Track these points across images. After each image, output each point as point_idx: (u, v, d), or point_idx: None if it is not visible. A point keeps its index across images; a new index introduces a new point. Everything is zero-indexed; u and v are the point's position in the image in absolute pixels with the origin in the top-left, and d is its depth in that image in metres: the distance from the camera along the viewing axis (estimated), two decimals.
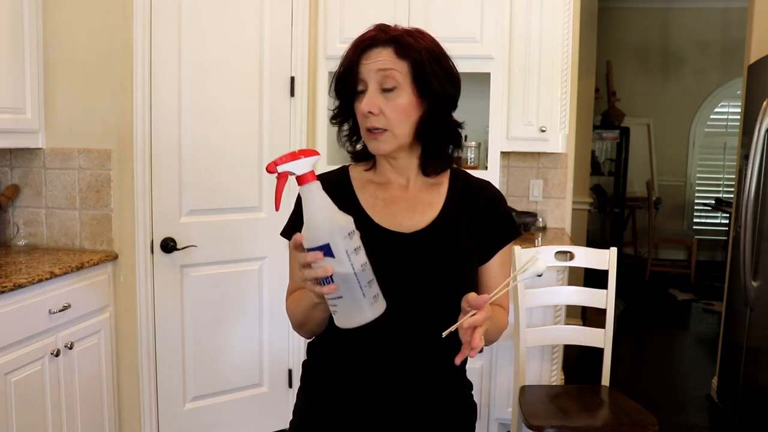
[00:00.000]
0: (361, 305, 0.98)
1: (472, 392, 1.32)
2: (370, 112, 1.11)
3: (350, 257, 0.95)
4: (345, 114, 1.20)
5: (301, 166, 0.97)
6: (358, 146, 1.24)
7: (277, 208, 1.00)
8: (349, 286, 0.96)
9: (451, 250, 1.18)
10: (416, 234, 1.17)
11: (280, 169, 0.96)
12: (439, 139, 1.20)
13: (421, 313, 1.15)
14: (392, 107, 1.12)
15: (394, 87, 1.12)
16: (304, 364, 1.31)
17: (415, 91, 1.13)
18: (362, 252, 0.98)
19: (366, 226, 0.97)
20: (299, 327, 1.20)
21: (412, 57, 1.13)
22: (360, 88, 1.14)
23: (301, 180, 0.97)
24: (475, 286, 1.22)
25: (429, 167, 1.21)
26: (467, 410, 1.30)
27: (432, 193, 1.22)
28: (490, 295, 1.02)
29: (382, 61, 1.12)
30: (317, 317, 1.12)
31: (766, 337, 2.78)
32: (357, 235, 0.98)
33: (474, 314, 1.00)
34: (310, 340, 1.29)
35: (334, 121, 1.23)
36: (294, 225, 1.20)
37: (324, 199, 0.97)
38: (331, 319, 1.14)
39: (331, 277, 0.94)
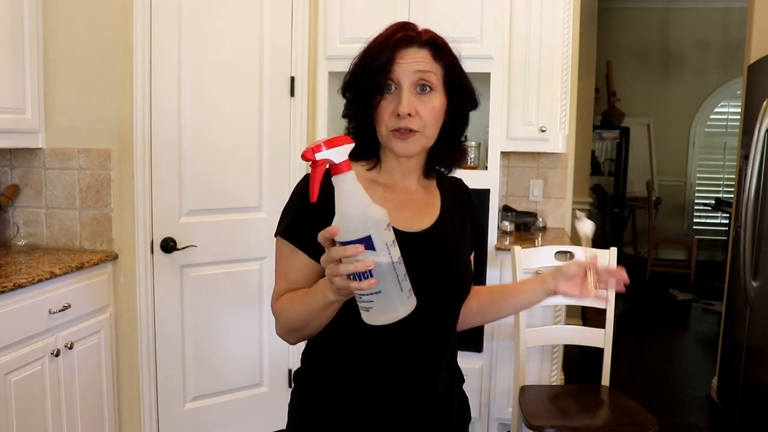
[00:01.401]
0: (396, 300, 0.93)
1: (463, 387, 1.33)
2: (408, 114, 1.09)
3: (389, 250, 0.91)
4: (359, 109, 1.16)
5: (339, 154, 0.90)
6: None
7: (314, 199, 0.93)
8: (388, 280, 0.91)
9: (458, 245, 1.22)
10: (426, 232, 1.18)
11: (319, 156, 0.89)
12: (458, 143, 1.22)
13: (434, 310, 1.15)
14: (428, 109, 1.11)
15: (431, 89, 1.12)
16: (298, 372, 1.25)
17: (446, 94, 1.15)
18: (397, 245, 0.93)
19: None
20: (294, 330, 1.12)
21: (447, 60, 1.14)
22: (389, 86, 1.11)
23: (338, 169, 0.91)
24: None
25: (433, 170, 1.23)
26: (463, 407, 1.31)
27: (429, 194, 1.24)
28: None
29: (420, 63, 1.11)
30: (324, 318, 1.06)
31: (766, 337, 2.78)
32: (392, 228, 0.93)
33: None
34: (305, 347, 1.24)
35: (346, 116, 1.20)
36: (299, 224, 1.11)
37: (361, 189, 0.91)
38: (330, 321, 1.13)
39: (370, 270, 0.88)
